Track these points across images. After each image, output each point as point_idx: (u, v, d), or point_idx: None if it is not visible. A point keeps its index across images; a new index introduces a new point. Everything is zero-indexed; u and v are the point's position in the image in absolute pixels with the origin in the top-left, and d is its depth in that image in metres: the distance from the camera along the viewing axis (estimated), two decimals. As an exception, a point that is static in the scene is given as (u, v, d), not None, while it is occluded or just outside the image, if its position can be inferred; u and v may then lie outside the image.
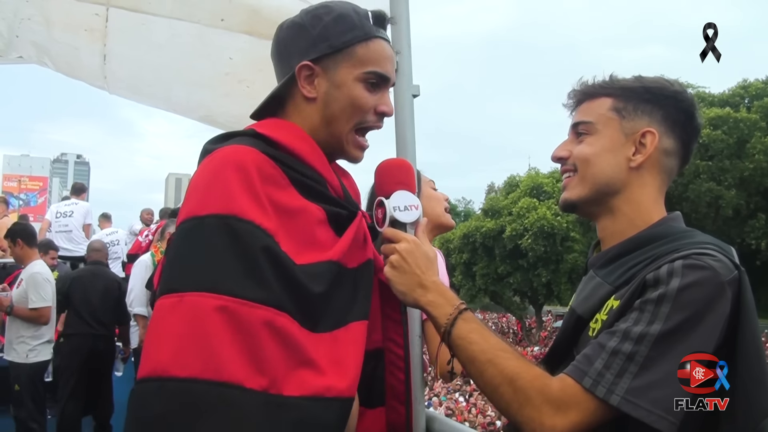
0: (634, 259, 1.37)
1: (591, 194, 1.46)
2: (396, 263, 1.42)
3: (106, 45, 2.82)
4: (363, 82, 1.44)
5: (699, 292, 1.21)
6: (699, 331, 1.20)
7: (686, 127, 1.47)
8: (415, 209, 1.46)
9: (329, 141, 1.47)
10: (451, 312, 1.37)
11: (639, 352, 1.20)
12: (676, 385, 1.19)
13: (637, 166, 1.43)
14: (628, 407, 1.18)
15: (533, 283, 32.05)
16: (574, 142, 1.50)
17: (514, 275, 32.12)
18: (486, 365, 1.31)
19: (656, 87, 1.46)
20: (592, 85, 1.51)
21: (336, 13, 1.44)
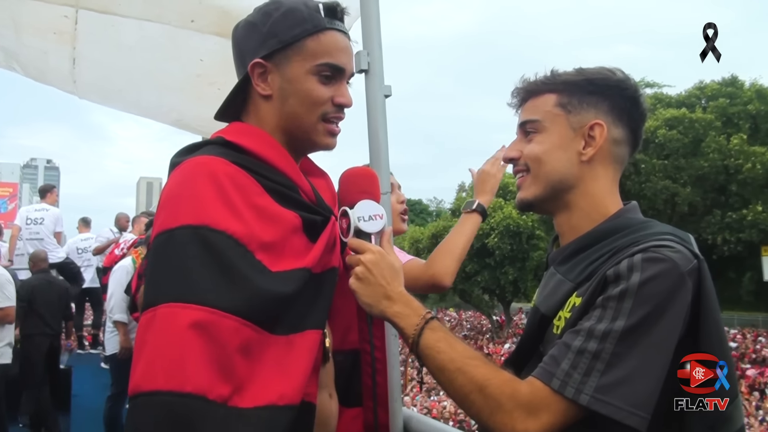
0: (593, 254, 1.34)
1: (545, 192, 1.43)
2: (361, 275, 1.37)
3: (76, 48, 2.76)
4: (316, 75, 1.39)
5: (660, 285, 1.18)
6: (662, 324, 1.18)
7: (633, 114, 1.43)
8: (379, 219, 1.42)
9: (297, 135, 1.44)
10: (417, 322, 1.33)
11: (605, 349, 1.18)
12: (644, 379, 1.17)
13: (589, 160, 1.40)
14: (598, 405, 1.16)
15: (500, 281, 32.27)
16: (524, 142, 1.46)
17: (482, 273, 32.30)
18: (455, 374, 1.28)
19: (599, 78, 1.42)
20: (535, 82, 1.47)
21: (285, 8, 1.40)
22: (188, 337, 1.12)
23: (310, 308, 1.33)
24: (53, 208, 9.36)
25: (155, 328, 1.14)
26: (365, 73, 2.07)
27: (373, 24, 2.09)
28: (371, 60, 2.07)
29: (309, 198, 1.42)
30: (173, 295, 1.16)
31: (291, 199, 1.36)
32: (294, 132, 1.43)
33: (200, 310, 1.14)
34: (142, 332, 1.16)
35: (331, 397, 1.49)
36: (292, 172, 1.41)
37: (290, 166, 1.41)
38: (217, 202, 1.23)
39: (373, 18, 2.09)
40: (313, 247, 1.35)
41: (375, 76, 2.07)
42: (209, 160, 1.29)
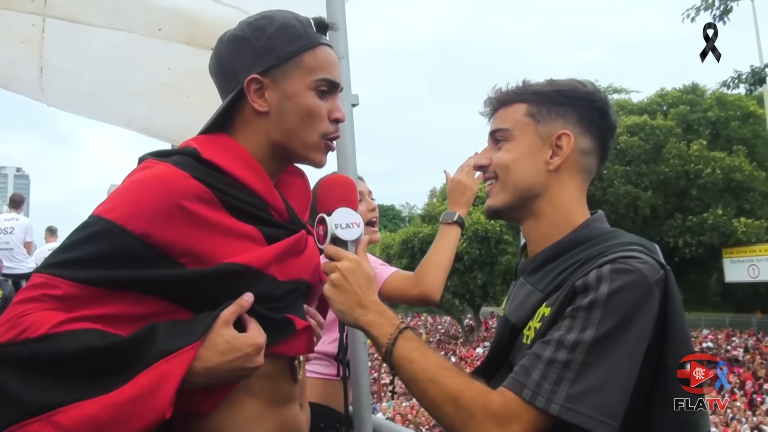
0: (562, 264, 1.36)
1: (513, 200, 1.44)
2: (336, 282, 1.36)
3: (43, 57, 2.71)
4: (314, 90, 1.38)
5: (628, 296, 1.20)
6: (630, 334, 1.19)
7: (602, 126, 1.45)
8: (356, 227, 1.41)
9: (293, 150, 1.41)
10: (391, 332, 1.32)
11: (574, 359, 1.19)
12: (613, 388, 1.18)
13: (556, 169, 1.41)
14: (568, 415, 1.16)
15: (470, 286, 32.39)
16: (494, 150, 1.48)
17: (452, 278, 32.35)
18: (428, 384, 1.27)
19: (569, 89, 1.44)
20: (506, 92, 1.48)
21: (279, 23, 1.38)
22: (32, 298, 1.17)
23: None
24: (23, 217, 9.16)
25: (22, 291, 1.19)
26: (332, 82, 2.07)
27: (341, 33, 2.09)
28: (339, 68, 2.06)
29: (281, 217, 1.40)
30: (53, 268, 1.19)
31: (255, 215, 1.34)
32: (290, 147, 1.41)
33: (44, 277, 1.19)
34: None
35: (302, 408, 1.48)
36: (266, 191, 1.38)
37: (264, 186, 1.38)
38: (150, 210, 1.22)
39: (341, 27, 2.09)
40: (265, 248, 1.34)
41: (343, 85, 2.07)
42: (170, 172, 1.26)
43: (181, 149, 1.37)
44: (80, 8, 2.44)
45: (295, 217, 1.45)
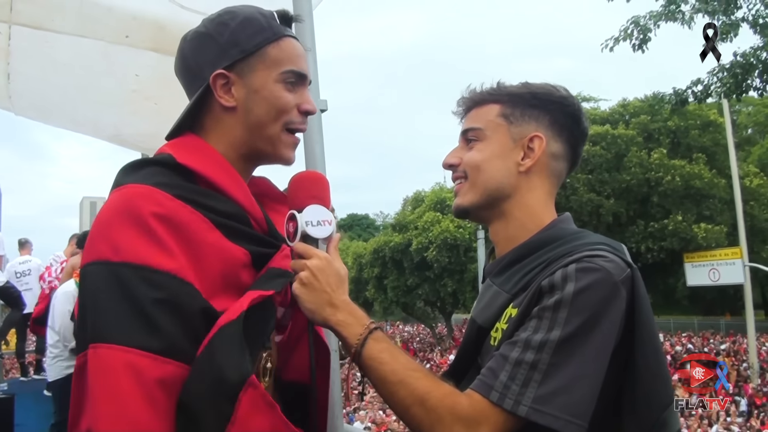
0: (528, 264, 1.34)
1: (482, 199, 1.42)
2: (306, 280, 1.29)
3: (10, 64, 2.65)
4: (282, 82, 1.33)
5: (594, 295, 1.18)
6: (597, 333, 1.18)
7: (573, 131, 1.44)
8: (328, 225, 1.34)
9: (260, 147, 1.37)
10: (361, 332, 1.27)
11: (542, 360, 1.16)
12: (581, 388, 1.16)
13: (526, 171, 1.39)
14: (536, 416, 1.14)
15: (440, 293, 32.41)
16: (465, 149, 1.45)
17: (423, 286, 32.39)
18: (397, 386, 1.23)
19: (543, 93, 1.43)
20: (481, 93, 1.46)
21: (242, 17, 1.33)
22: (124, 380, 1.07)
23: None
24: (-5, 231, 8.97)
25: (94, 368, 1.08)
26: (300, 87, 2.05)
27: (307, 37, 2.08)
28: (306, 74, 2.05)
29: (261, 228, 1.35)
30: (114, 335, 1.09)
31: (241, 232, 1.28)
32: (257, 144, 1.36)
33: (128, 351, 1.08)
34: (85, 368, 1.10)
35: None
36: (244, 198, 1.33)
37: (242, 192, 1.33)
38: (148, 241, 1.14)
39: (308, 32, 2.08)
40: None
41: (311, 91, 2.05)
42: (143, 194, 1.19)
43: (156, 158, 1.31)
44: (46, 15, 2.39)
45: (273, 229, 1.39)
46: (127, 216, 1.16)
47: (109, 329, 1.09)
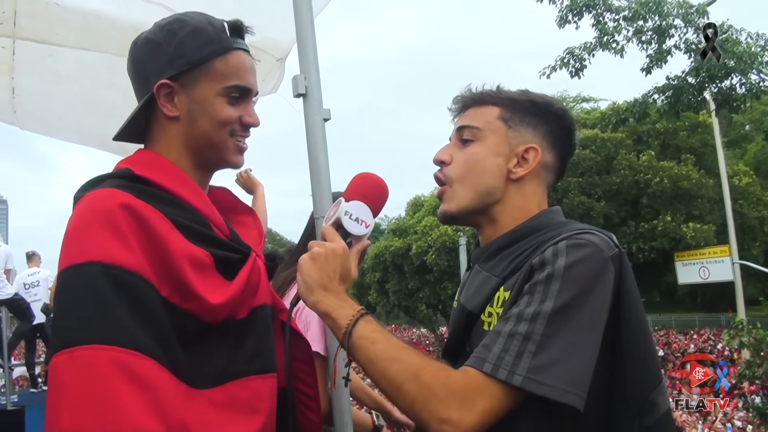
0: (518, 249, 1.31)
1: (472, 202, 1.38)
2: (316, 256, 1.28)
3: (14, 78, 2.61)
4: (225, 96, 1.31)
5: (585, 268, 1.16)
6: (590, 305, 1.15)
7: (566, 145, 1.44)
8: (365, 226, 1.34)
9: (206, 153, 1.34)
10: (352, 314, 1.24)
11: (535, 330, 1.13)
12: (577, 359, 1.13)
13: (518, 179, 1.38)
14: (532, 386, 1.10)
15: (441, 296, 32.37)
16: (458, 147, 1.42)
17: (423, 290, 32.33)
18: (390, 362, 1.19)
19: (543, 102, 1.41)
20: (482, 93, 1.44)
21: (191, 27, 1.30)
22: (115, 379, 1.02)
23: (237, 353, 1.24)
24: (3, 245, 8.88)
25: (74, 371, 1.03)
26: (303, 97, 2.02)
27: (310, 48, 2.04)
28: (309, 84, 2.01)
29: (223, 233, 1.32)
30: (88, 335, 1.04)
31: (202, 235, 1.25)
32: (203, 150, 1.34)
33: (117, 350, 1.04)
34: (61, 373, 1.04)
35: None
36: (204, 206, 1.31)
37: (201, 200, 1.31)
38: (117, 240, 1.11)
39: (309, 42, 2.04)
40: (229, 286, 1.25)
41: (313, 100, 2.01)
42: (107, 194, 1.17)
43: (115, 173, 1.28)
44: (49, 29, 2.35)
45: (237, 236, 1.36)
46: (94, 214, 1.14)
47: (85, 329, 1.05)
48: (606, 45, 12.15)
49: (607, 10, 11.99)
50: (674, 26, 11.77)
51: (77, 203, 1.20)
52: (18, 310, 8.36)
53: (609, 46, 12.17)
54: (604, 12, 12.03)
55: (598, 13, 12.05)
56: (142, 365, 1.05)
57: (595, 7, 12.01)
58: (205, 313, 1.20)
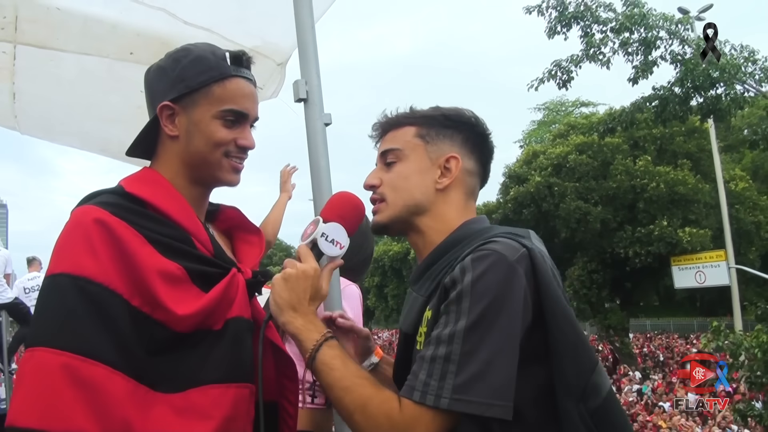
0: (438, 267, 1.36)
1: (401, 215, 1.45)
2: (288, 277, 1.34)
3: (15, 83, 2.61)
4: (220, 119, 1.42)
5: (491, 279, 1.19)
6: (504, 313, 1.18)
7: (483, 149, 1.51)
8: (339, 247, 1.40)
9: (202, 170, 1.45)
10: (317, 338, 1.30)
11: (453, 351, 1.17)
12: (497, 369, 1.15)
13: (443, 188, 1.44)
14: (459, 406, 1.14)
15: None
16: (384, 170, 1.50)
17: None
18: (343, 392, 1.25)
19: (454, 114, 1.49)
20: (396, 116, 1.52)
21: (193, 56, 1.43)
22: (61, 381, 1.13)
23: (204, 362, 1.30)
24: (3, 249, 8.85)
25: (30, 368, 1.16)
26: (304, 102, 2.02)
27: (311, 53, 2.04)
28: (309, 89, 2.01)
29: (206, 249, 1.40)
30: (48, 340, 1.17)
31: (178, 250, 1.34)
32: (199, 168, 1.43)
33: (69, 356, 1.15)
34: (21, 369, 1.18)
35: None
36: (188, 222, 1.39)
37: (186, 216, 1.40)
38: (89, 254, 1.23)
39: (310, 47, 2.04)
40: (201, 297, 1.32)
41: (314, 104, 2.01)
42: (87, 210, 1.29)
43: (108, 189, 1.40)
44: (51, 34, 2.34)
45: (222, 252, 1.45)
46: (72, 229, 1.28)
47: (47, 334, 1.18)
48: (593, 57, 12.52)
49: (594, 21, 12.36)
50: (660, 38, 12.15)
51: (70, 216, 1.33)
52: (18, 315, 8.32)
53: (596, 58, 12.53)
54: (592, 24, 12.41)
55: (586, 24, 12.45)
56: (89, 370, 1.16)
57: (583, 18, 12.39)
58: (174, 322, 1.28)
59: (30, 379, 1.15)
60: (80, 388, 1.14)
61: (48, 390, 1.13)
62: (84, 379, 1.15)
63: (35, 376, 1.15)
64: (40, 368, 1.15)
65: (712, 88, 11.92)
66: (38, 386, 1.14)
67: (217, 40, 2.26)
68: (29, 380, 1.15)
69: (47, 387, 1.13)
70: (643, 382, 21.55)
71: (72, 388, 1.14)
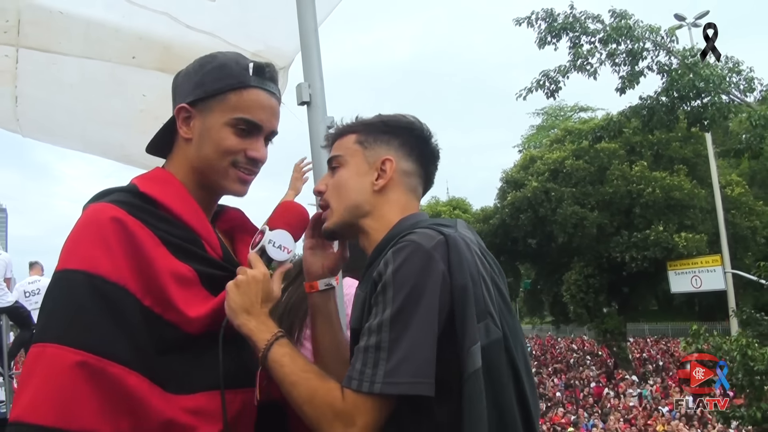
0: (376, 263, 1.40)
1: (345, 218, 1.50)
2: (240, 283, 1.36)
3: (17, 87, 2.59)
4: (232, 127, 1.42)
5: (410, 267, 1.26)
6: (425, 299, 1.25)
7: (423, 151, 1.56)
8: (287, 252, 1.44)
9: (209, 177, 1.45)
10: (268, 338, 1.35)
11: (382, 339, 1.24)
12: (420, 350, 1.22)
13: (380, 189, 1.49)
14: (390, 389, 1.21)
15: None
16: (330, 176, 1.55)
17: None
18: (292, 386, 1.31)
19: (392, 120, 1.55)
20: (341, 126, 1.58)
21: (218, 62, 1.44)
22: (77, 379, 1.12)
23: (214, 365, 1.31)
24: (3, 253, 8.81)
25: (43, 365, 1.14)
26: (307, 105, 2.01)
27: (314, 56, 2.03)
28: (312, 92, 2.01)
29: (215, 252, 1.41)
30: (62, 336, 1.14)
31: (190, 252, 1.35)
32: (206, 174, 1.44)
33: (84, 355, 1.14)
34: (31, 363, 1.16)
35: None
36: (199, 225, 1.40)
37: (197, 219, 1.40)
38: (104, 252, 1.22)
39: (314, 50, 2.03)
40: (208, 301, 1.33)
41: (317, 107, 2.01)
42: (103, 208, 1.29)
43: (121, 187, 1.40)
44: (53, 38, 2.33)
45: (230, 255, 1.47)
46: (88, 226, 1.26)
47: (60, 330, 1.16)
48: (580, 68, 12.91)
49: (583, 33, 12.73)
50: (646, 49, 12.52)
51: (82, 213, 1.32)
52: (18, 319, 8.28)
53: (583, 69, 12.91)
54: (581, 35, 12.78)
55: (575, 35, 12.83)
56: (106, 369, 1.15)
57: (573, 29, 12.76)
58: (185, 324, 1.29)
59: (42, 376, 1.13)
60: (97, 387, 1.14)
61: (63, 388, 1.11)
62: (101, 378, 1.14)
63: (48, 372, 1.13)
64: (54, 365, 1.13)
65: (698, 98, 12.27)
66: (52, 383, 1.12)
67: (219, 44, 2.25)
68: (41, 377, 1.13)
69: (62, 384, 1.11)
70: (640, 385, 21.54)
71: (89, 386, 1.13)
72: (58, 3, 2.22)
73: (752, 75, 12.57)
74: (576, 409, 20.01)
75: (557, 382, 24.07)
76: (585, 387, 23.15)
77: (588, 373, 25.09)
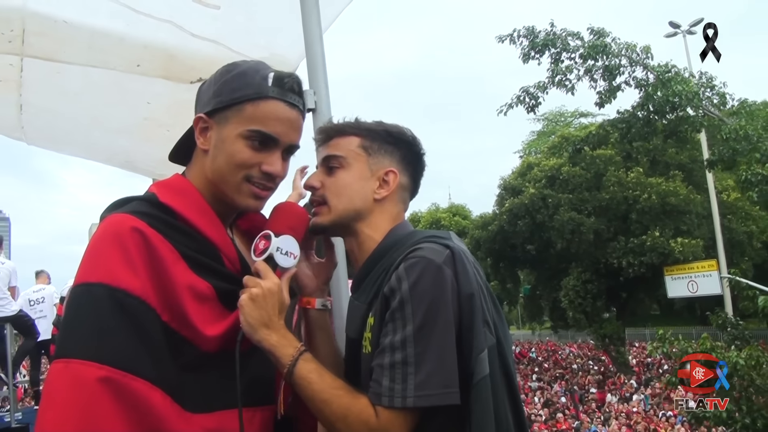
0: (374, 274, 1.43)
1: (340, 220, 1.50)
2: (255, 297, 1.32)
3: (22, 95, 2.57)
4: (246, 139, 1.35)
5: (425, 283, 1.28)
6: (443, 312, 1.27)
7: (417, 167, 1.59)
8: (293, 258, 1.40)
9: (222, 191, 1.39)
10: (293, 354, 1.33)
11: (408, 354, 1.25)
12: (447, 362, 1.25)
13: (380, 199, 1.51)
14: (421, 402, 1.23)
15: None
16: (326, 174, 1.53)
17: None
18: (323, 404, 1.30)
19: (396, 132, 1.56)
20: (343, 125, 1.56)
21: (237, 71, 1.38)
22: (101, 395, 1.08)
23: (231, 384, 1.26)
24: (8, 261, 8.75)
25: (66, 381, 1.11)
26: (312, 112, 1.98)
27: (319, 63, 2.01)
28: (318, 99, 1.99)
29: (233, 266, 1.37)
30: (85, 352, 1.11)
31: (208, 267, 1.30)
32: (219, 187, 1.38)
33: (109, 370, 1.11)
34: (54, 380, 1.12)
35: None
36: (218, 237, 1.35)
37: (216, 231, 1.35)
38: (125, 265, 1.18)
39: (318, 57, 2.01)
40: (224, 319, 1.30)
41: (322, 114, 1.98)
42: (123, 219, 1.23)
43: (141, 196, 1.35)
44: (57, 47, 2.30)
45: (248, 269, 1.40)
46: (108, 237, 1.21)
47: (83, 346, 1.12)
48: (559, 83, 13.35)
49: (564, 49, 13.11)
50: (622, 65, 12.92)
51: (100, 222, 1.27)
52: (22, 327, 8.24)
53: (562, 84, 13.36)
54: (562, 51, 13.16)
55: (557, 52, 13.20)
56: (130, 385, 1.12)
57: (554, 45, 13.12)
58: (201, 341, 1.25)
59: (66, 392, 1.10)
60: (122, 403, 1.10)
61: (87, 403, 1.09)
62: (125, 394, 1.11)
63: (72, 388, 1.10)
64: (78, 381, 1.10)
65: (672, 112, 12.73)
66: (76, 399, 1.09)
67: (223, 52, 2.22)
68: (65, 392, 1.10)
69: (86, 400, 1.09)
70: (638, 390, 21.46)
71: (113, 402, 1.10)
72: (62, 12, 2.19)
73: (723, 91, 13.11)
74: (577, 413, 19.92)
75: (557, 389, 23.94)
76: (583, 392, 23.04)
77: (583, 379, 24.95)
